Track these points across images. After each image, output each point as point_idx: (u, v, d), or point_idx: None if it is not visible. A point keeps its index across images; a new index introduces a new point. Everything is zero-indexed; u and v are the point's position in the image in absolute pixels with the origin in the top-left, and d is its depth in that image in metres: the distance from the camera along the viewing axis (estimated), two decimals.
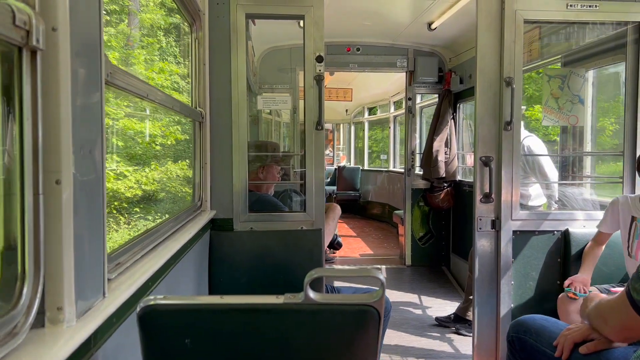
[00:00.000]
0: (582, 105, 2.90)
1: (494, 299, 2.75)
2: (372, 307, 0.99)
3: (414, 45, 5.68)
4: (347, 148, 11.37)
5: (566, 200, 3.53)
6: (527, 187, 3.67)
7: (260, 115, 5.71)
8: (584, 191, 3.54)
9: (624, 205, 2.48)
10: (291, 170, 4.48)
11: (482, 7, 2.69)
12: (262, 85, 5.48)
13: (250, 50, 4.72)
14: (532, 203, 3.77)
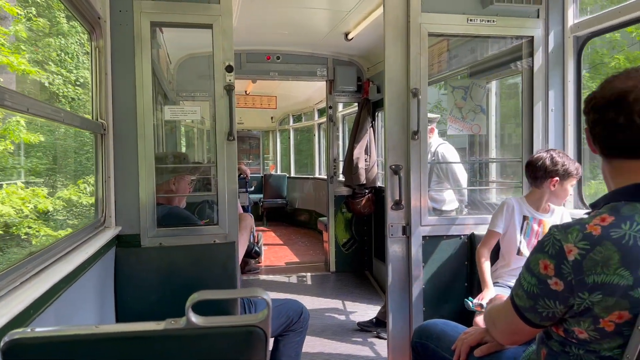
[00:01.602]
0: (484, 115, 3.05)
1: (406, 303, 2.82)
2: (258, 327, 0.97)
3: (333, 55, 5.76)
4: (275, 156, 11.34)
5: (473, 205, 3.70)
6: (442, 192, 3.81)
7: (178, 125, 5.56)
8: (490, 196, 3.72)
9: (516, 206, 2.63)
10: (213, 180, 4.38)
11: (389, 19, 2.77)
12: (180, 94, 5.34)
13: (165, 57, 4.59)
14: (446, 207, 3.91)
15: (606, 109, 1.26)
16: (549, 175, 2.48)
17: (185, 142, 7.33)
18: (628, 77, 1.27)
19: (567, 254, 1.21)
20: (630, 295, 1.15)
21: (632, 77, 1.26)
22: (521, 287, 1.34)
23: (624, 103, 1.22)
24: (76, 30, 7.63)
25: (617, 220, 1.19)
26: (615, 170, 1.31)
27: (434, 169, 3.91)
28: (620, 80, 1.27)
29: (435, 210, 3.83)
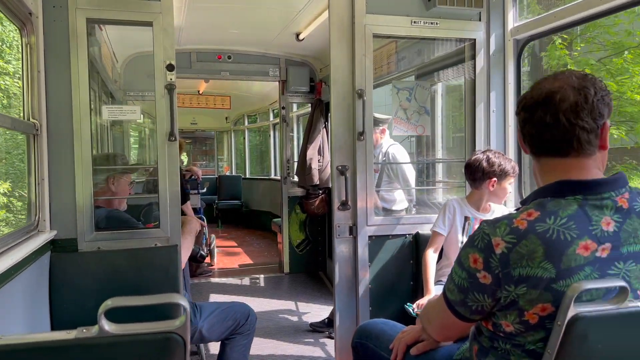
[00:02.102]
0: (428, 116, 3.10)
1: (353, 303, 2.83)
2: (176, 334, 0.94)
3: (285, 55, 5.74)
4: (229, 157, 11.20)
5: (421, 204, 3.76)
6: (392, 192, 3.85)
7: (127, 125, 5.41)
8: (437, 195, 3.79)
9: (457, 207, 2.68)
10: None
11: (334, 20, 2.77)
12: (128, 93, 5.20)
13: (109, 55, 4.46)
14: (396, 207, 3.96)
15: (535, 108, 1.29)
16: (487, 177, 2.53)
17: (138, 143, 7.15)
18: (555, 78, 1.31)
19: (495, 248, 1.23)
20: (552, 288, 1.18)
21: (559, 79, 1.30)
22: (453, 282, 1.36)
23: (551, 103, 1.26)
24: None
25: (542, 215, 1.23)
26: (543, 168, 1.35)
27: (384, 170, 3.95)
28: (548, 82, 1.31)
29: (385, 210, 3.86)
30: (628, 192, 1.26)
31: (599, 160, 1.31)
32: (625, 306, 1.13)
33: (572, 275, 1.17)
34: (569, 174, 1.28)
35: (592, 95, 1.24)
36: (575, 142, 1.26)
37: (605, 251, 1.19)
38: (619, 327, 1.15)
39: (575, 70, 1.33)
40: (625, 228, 1.21)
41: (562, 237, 1.18)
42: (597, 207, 1.22)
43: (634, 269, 1.21)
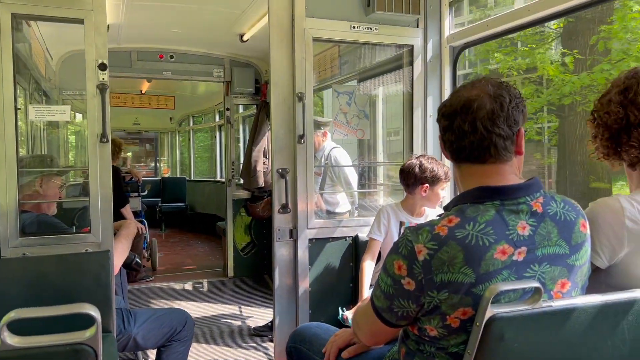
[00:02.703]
0: (367, 120, 3.14)
1: (293, 306, 2.83)
2: (86, 345, 0.90)
3: (229, 56, 5.67)
4: (172, 158, 10.95)
5: (362, 207, 3.81)
6: (335, 195, 3.88)
7: (63, 125, 5.20)
8: (378, 198, 3.84)
9: (392, 213, 2.72)
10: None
11: (274, 23, 2.76)
12: (63, 92, 4.99)
13: (42, 53, 4.27)
14: (339, 210, 3.98)
15: (454, 116, 1.33)
16: (420, 182, 2.57)
17: (75, 144, 6.88)
18: (473, 86, 1.35)
19: (418, 254, 1.25)
20: (473, 292, 1.21)
21: (476, 87, 1.34)
22: (379, 288, 1.37)
23: (469, 111, 1.30)
24: None
25: (462, 221, 1.26)
26: (463, 174, 1.39)
27: (327, 173, 3.97)
28: (466, 90, 1.35)
29: (329, 212, 3.89)
30: (542, 196, 1.31)
31: (516, 166, 1.36)
32: (539, 306, 1.18)
33: (491, 279, 1.21)
34: (487, 179, 1.32)
35: (507, 103, 1.29)
36: (492, 148, 1.30)
37: (521, 254, 1.24)
38: (533, 326, 1.19)
39: (492, 79, 1.37)
40: (540, 231, 1.26)
41: (481, 243, 1.22)
42: (513, 211, 1.27)
43: (548, 271, 1.27)
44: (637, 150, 1.45)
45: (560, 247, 1.28)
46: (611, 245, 1.42)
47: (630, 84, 1.47)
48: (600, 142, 1.55)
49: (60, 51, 4.92)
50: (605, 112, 1.51)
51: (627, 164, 1.51)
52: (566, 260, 1.29)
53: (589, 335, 1.26)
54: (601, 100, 1.55)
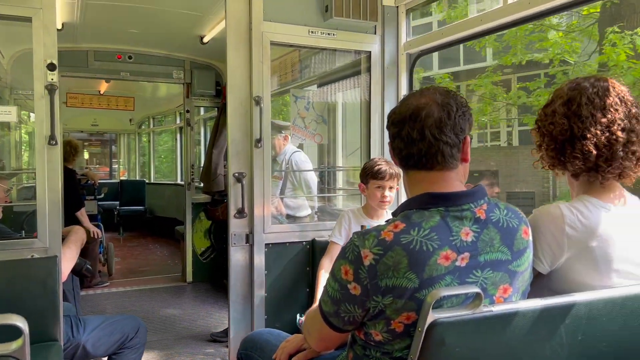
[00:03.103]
0: (325, 125, 3.15)
1: (248, 312, 2.80)
2: (13, 358, 0.86)
3: (190, 58, 5.60)
4: (128, 160, 10.71)
5: (322, 212, 3.81)
6: (296, 199, 3.87)
7: (14, 126, 5.01)
8: (337, 202, 3.85)
9: (352, 217, 2.74)
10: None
11: (231, 26, 2.74)
12: (16, 92, 4.82)
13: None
14: (300, 214, 3.98)
15: (403, 123, 1.35)
16: (361, 182, 2.60)
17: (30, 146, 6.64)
18: (422, 94, 1.37)
19: (364, 259, 1.26)
20: (416, 297, 1.22)
21: (425, 95, 1.36)
22: (327, 293, 1.37)
23: (418, 118, 1.32)
24: None
25: (407, 226, 1.27)
26: (411, 181, 1.41)
27: (288, 177, 3.96)
28: (415, 98, 1.37)
29: (290, 216, 3.88)
30: (486, 203, 1.34)
31: (462, 173, 1.39)
32: (480, 311, 1.20)
33: (434, 284, 1.23)
34: (433, 186, 1.34)
35: (454, 112, 1.32)
36: (439, 156, 1.32)
37: (464, 260, 1.26)
38: (474, 331, 1.21)
39: (440, 87, 1.40)
40: (483, 238, 1.29)
41: (425, 248, 1.24)
42: (457, 218, 1.29)
43: (490, 276, 1.29)
44: (581, 162, 1.48)
45: (502, 253, 1.31)
46: (552, 251, 1.46)
47: (573, 96, 1.50)
48: (546, 152, 1.59)
49: (13, 49, 4.75)
50: (550, 123, 1.55)
51: (570, 174, 1.55)
52: (508, 266, 1.32)
53: (529, 339, 1.29)
54: (545, 111, 1.59)
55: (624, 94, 1.48)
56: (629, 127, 1.46)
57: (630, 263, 1.46)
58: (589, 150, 1.45)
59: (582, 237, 1.43)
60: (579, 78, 1.54)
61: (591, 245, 1.42)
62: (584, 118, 1.46)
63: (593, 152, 1.45)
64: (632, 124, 1.46)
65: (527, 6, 2.30)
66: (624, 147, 1.45)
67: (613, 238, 1.43)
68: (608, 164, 1.45)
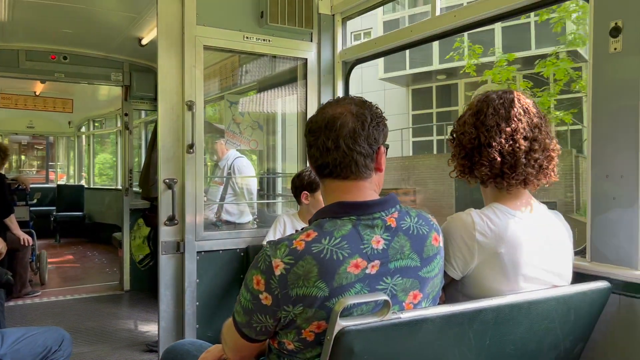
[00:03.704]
0: (261, 131, 3.13)
1: (180, 322, 2.74)
2: None
3: (129, 60, 5.46)
4: (68, 164, 10.31)
5: (261, 218, 3.79)
6: (238, 206, 3.82)
7: None
8: (277, 208, 3.84)
9: (288, 221, 2.74)
10: None
11: (163, 29, 2.69)
12: None
13: None
14: (241, 220, 3.93)
15: (319, 132, 1.35)
16: (300, 190, 2.61)
17: None
18: (338, 104, 1.38)
19: (275, 269, 1.26)
20: (326, 306, 1.23)
21: (341, 105, 1.38)
22: (239, 304, 1.36)
23: (333, 128, 1.33)
24: None
25: (319, 235, 1.28)
26: (326, 190, 1.42)
27: (229, 183, 3.91)
28: (331, 107, 1.38)
29: (230, 223, 3.82)
30: (397, 211, 1.36)
31: (375, 182, 1.41)
32: (388, 318, 1.21)
33: (344, 293, 1.24)
34: (346, 195, 1.35)
35: (368, 122, 1.34)
36: (353, 165, 1.34)
37: (374, 268, 1.28)
38: (383, 338, 1.23)
39: (356, 97, 1.42)
40: (393, 245, 1.31)
41: (335, 257, 1.24)
42: (369, 226, 1.31)
43: (400, 283, 1.32)
44: (487, 169, 1.55)
45: (412, 260, 1.33)
46: (463, 257, 1.50)
47: (481, 107, 1.58)
48: (458, 160, 1.65)
49: None
50: (461, 133, 1.62)
51: (479, 181, 1.62)
52: (418, 273, 1.34)
53: (437, 345, 1.32)
54: (458, 122, 1.66)
55: (528, 106, 1.56)
56: (532, 136, 1.54)
57: (537, 268, 1.52)
58: (494, 157, 1.52)
59: (491, 244, 1.48)
60: (489, 91, 1.61)
61: (500, 251, 1.47)
62: (489, 127, 1.54)
63: (498, 159, 1.52)
64: (535, 134, 1.54)
65: (453, 19, 2.38)
66: (526, 155, 1.52)
67: (520, 244, 1.49)
68: (512, 171, 1.53)
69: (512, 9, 2.11)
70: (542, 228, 1.57)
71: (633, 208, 1.68)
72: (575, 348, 1.62)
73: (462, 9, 2.32)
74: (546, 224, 1.59)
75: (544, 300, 1.46)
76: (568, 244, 1.63)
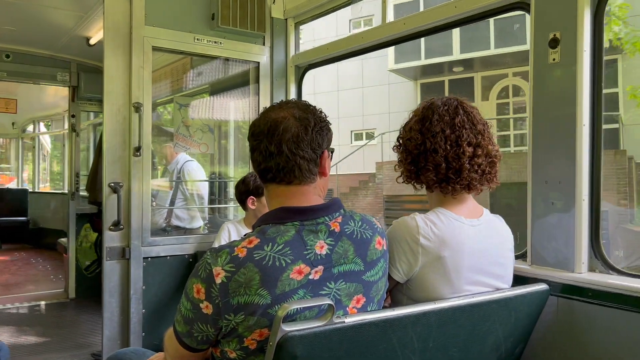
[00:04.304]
0: (212, 134, 3.09)
1: (125, 330, 2.65)
2: None
3: (77, 60, 5.27)
4: (20, 167, 9.86)
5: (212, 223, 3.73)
6: (189, 211, 3.74)
7: None
8: (228, 213, 3.78)
9: (233, 229, 2.70)
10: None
11: (109, 29, 2.61)
12: None
13: None
14: (191, 226, 3.85)
15: (261, 137, 1.33)
16: (246, 196, 2.59)
17: None
18: (281, 108, 1.37)
19: (215, 278, 1.23)
20: (269, 314, 1.21)
21: (284, 109, 1.36)
22: (180, 313, 1.33)
23: (276, 132, 1.31)
24: None
25: (261, 242, 1.26)
26: (270, 194, 1.41)
27: (179, 187, 3.83)
28: (274, 112, 1.36)
29: (180, 228, 3.74)
30: (341, 216, 1.36)
31: (320, 187, 1.40)
32: (332, 323, 1.21)
33: (287, 299, 1.22)
34: (290, 200, 1.34)
35: (311, 127, 1.33)
36: (296, 170, 1.33)
37: (318, 273, 1.27)
38: (326, 343, 1.22)
39: (300, 101, 1.41)
40: (337, 250, 1.31)
41: (277, 264, 1.23)
42: (312, 231, 1.30)
43: (344, 287, 1.31)
44: (433, 174, 1.58)
45: (356, 264, 1.33)
46: (408, 260, 1.52)
47: (426, 114, 1.61)
48: (404, 166, 1.68)
49: None
50: (408, 139, 1.65)
51: (425, 186, 1.64)
52: (361, 277, 1.35)
53: (381, 348, 1.32)
54: (405, 128, 1.69)
55: (471, 112, 1.60)
56: (475, 142, 1.57)
57: (479, 272, 1.55)
58: (439, 163, 1.55)
59: (434, 247, 1.50)
60: (434, 98, 1.64)
61: (443, 255, 1.50)
62: (435, 133, 1.57)
63: (443, 164, 1.55)
64: (478, 140, 1.58)
65: (402, 27, 2.41)
66: (470, 161, 1.56)
67: (463, 248, 1.52)
68: (457, 176, 1.56)
69: (457, 19, 2.16)
70: (485, 232, 1.60)
71: (570, 213, 1.75)
72: (515, 349, 1.67)
73: (410, 17, 2.36)
74: (489, 228, 1.63)
75: (486, 303, 1.50)
76: (510, 247, 1.68)
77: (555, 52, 1.78)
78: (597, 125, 1.75)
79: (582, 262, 1.73)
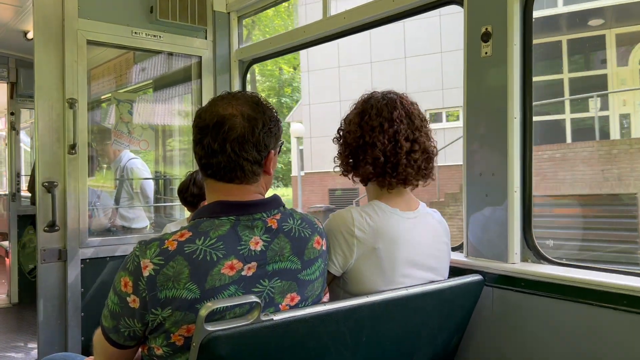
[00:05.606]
0: (152, 131, 3.00)
1: (62, 335, 2.55)
2: None
3: (15, 55, 5.03)
4: None
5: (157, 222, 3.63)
6: (132, 210, 3.63)
7: None
8: (174, 212, 3.70)
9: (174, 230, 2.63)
10: None
11: (39, 21, 2.49)
12: None
13: None
14: (137, 225, 3.74)
15: (206, 132, 1.27)
16: (201, 198, 2.47)
17: None
18: (229, 103, 1.29)
19: (143, 270, 1.19)
20: (196, 309, 1.17)
21: (233, 104, 1.29)
22: (107, 307, 1.29)
23: (221, 130, 1.25)
24: None
25: (193, 235, 1.22)
26: (209, 189, 1.36)
27: (123, 185, 3.72)
28: (222, 106, 1.29)
29: (125, 228, 3.63)
30: (280, 213, 1.33)
31: (262, 184, 1.36)
32: (259, 320, 1.18)
33: (216, 295, 1.20)
34: (228, 196, 1.30)
35: (259, 129, 1.27)
36: (239, 171, 1.28)
37: (251, 270, 1.24)
38: (254, 341, 1.19)
39: (252, 95, 1.34)
40: (273, 247, 1.28)
41: (209, 258, 1.20)
42: (248, 227, 1.27)
43: (278, 285, 1.29)
44: (371, 167, 1.58)
45: (292, 263, 1.31)
46: (343, 253, 1.51)
47: (365, 108, 1.61)
48: (343, 158, 1.67)
49: None
50: (347, 132, 1.64)
51: (360, 179, 1.64)
52: (297, 275, 1.32)
53: (312, 345, 1.31)
54: (345, 120, 1.68)
55: (410, 108, 1.60)
56: (412, 138, 1.58)
57: (414, 264, 1.56)
58: (377, 156, 1.55)
59: (369, 239, 1.50)
60: (374, 92, 1.64)
61: (377, 246, 1.50)
62: (373, 127, 1.56)
63: (381, 158, 1.55)
64: (415, 135, 1.58)
65: (343, 21, 2.40)
66: (407, 155, 1.56)
67: (397, 241, 1.53)
68: (394, 171, 1.56)
69: (395, 14, 2.17)
70: (420, 225, 1.61)
71: (503, 205, 1.78)
72: (451, 340, 1.69)
73: (351, 10, 2.36)
74: (424, 221, 1.64)
75: (420, 295, 1.51)
76: (445, 240, 1.69)
77: (487, 45, 1.81)
78: (528, 118, 1.79)
79: (515, 252, 1.77)
